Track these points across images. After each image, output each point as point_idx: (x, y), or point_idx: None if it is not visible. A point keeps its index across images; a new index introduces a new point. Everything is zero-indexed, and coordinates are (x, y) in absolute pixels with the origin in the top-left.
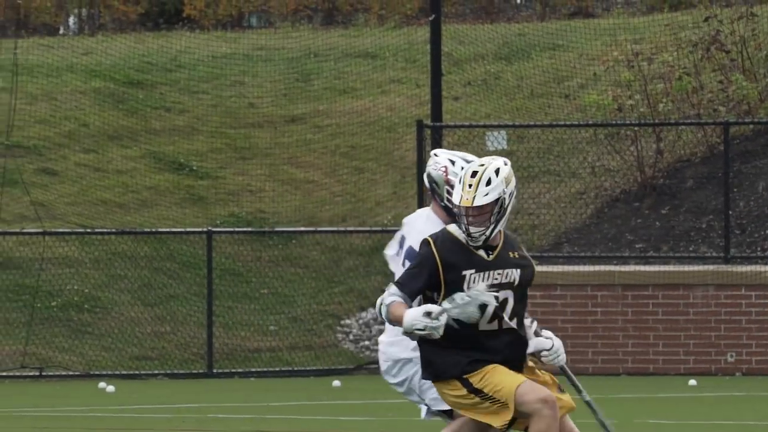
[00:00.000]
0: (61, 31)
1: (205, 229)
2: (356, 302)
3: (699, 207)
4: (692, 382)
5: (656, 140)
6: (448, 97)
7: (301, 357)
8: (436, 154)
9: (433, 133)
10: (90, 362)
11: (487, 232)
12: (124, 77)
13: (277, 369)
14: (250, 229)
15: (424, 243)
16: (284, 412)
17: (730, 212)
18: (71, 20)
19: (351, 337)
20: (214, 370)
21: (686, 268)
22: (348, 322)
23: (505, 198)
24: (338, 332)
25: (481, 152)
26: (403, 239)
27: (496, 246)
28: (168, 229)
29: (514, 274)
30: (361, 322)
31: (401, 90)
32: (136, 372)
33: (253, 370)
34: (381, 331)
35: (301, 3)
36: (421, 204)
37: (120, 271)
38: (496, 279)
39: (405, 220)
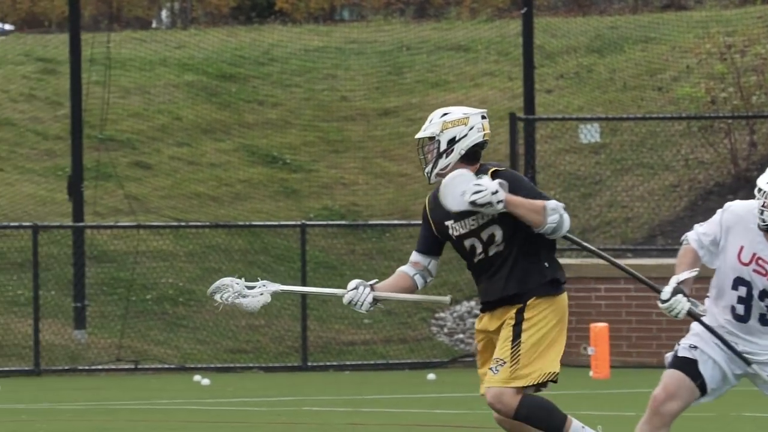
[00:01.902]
0: (153, 25)
1: (298, 222)
2: (450, 295)
3: None
4: None
5: (750, 132)
6: (540, 90)
7: (396, 350)
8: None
9: (526, 125)
10: (185, 355)
11: (427, 169)
12: (217, 71)
13: (372, 362)
14: (343, 222)
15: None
16: (379, 405)
17: None
18: (164, 14)
19: (445, 330)
20: (309, 363)
21: None
22: (442, 315)
23: (440, 140)
24: (432, 325)
25: (574, 145)
26: None
27: None
28: (262, 222)
29: (493, 209)
30: (455, 315)
31: (494, 83)
32: (231, 365)
33: (348, 363)
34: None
35: None
36: None
37: (214, 264)
38: (472, 225)
39: None
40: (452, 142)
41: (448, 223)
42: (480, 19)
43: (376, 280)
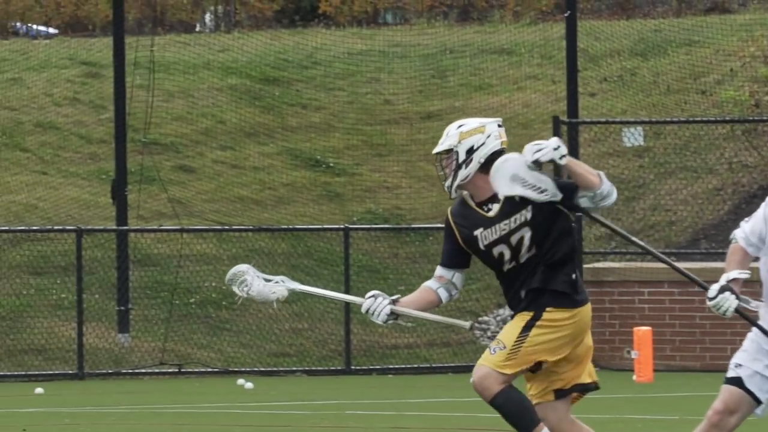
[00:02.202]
0: (197, 28)
1: (342, 226)
2: (493, 299)
3: None
4: None
5: None
6: (584, 93)
7: (439, 353)
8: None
9: (570, 129)
10: (228, 359)
11: (447, 183)
12: (261, 74)
13: (415, 366)
14: (386, 225)
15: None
16: (422, 409)
17: None
18: (207, 17)
19: (489, 333)
20: (352, 367)
21: None
22: (486, 318)
23: (458, 151)
24: (476, 329)
25: (618, 148)
26: None
27: (494, 199)
28: (305, 226)
29: (526, 214)
30: (498, 318)
31: (537, 86)
32: (275, 368)
33: (391, 366)
34: None
35: None
36: None
37: (258, 267)
38: (504, 229)
39: None
40: (470, 151)
41: (477, 232)
42: (523, 23)
43: (399, 295)
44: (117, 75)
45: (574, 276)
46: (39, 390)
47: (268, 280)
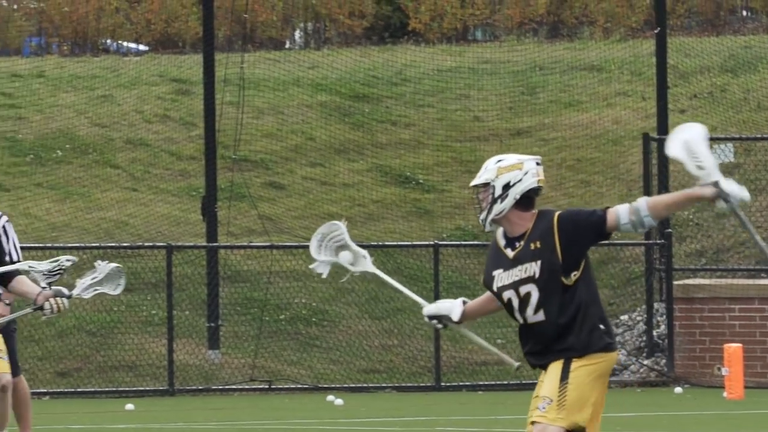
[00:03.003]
0: (287, 45)
1: (431, 243)
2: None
3: None
4: None
5: None
6: (674, 110)
7: (529, 370)
8: None
9: (659, 146)
10: (318, 375)
11: (481, 216)
12: (350, 91)
13: (505, 382)
14: (476, 242)
15: None
16: (513, 426)
17: None
18: (297, 34)
19: None
20: (442, 383)
21: None
22: None
23: (495, 185)
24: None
25: None
26: None
27: (522, 238)
28: (395, 243)
29: (534, 268)
30: None
31: (627, 103)
32: (364, 385)
33: (481, 383)
34: None
35: (527, 16)
36: None
37: (347, 284)
38: (517, 276)
39: None
40: (507, 187)
41: (496, 273)
42: (613, 39)
43: (466, 298)
44: (207, 92)
45: (602, 326)
46: (130, 406)
47: (354, 249)
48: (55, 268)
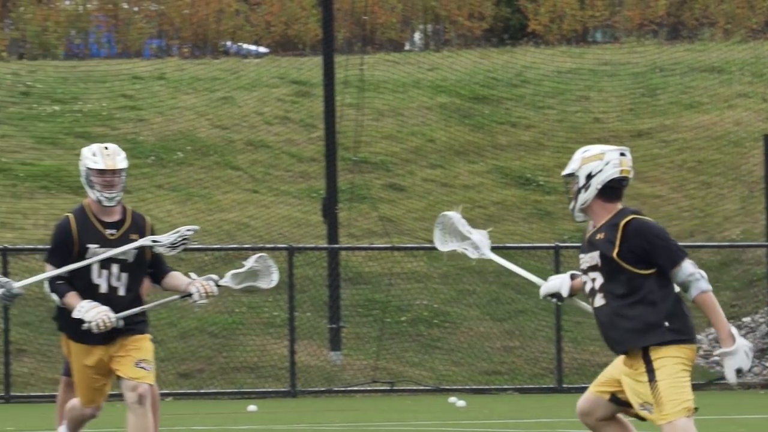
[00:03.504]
0: (406, 47)
1: (552, 245)
2: (704, 317)
3: None
4: None
5: None
6: None
7: None
8: None
9: None
10: (440, 377)
11: (570, 206)
12: (470, 93)
13: None
14: None
15: None
16: (637, 427)
17: None
18: (416, 36)
19: (701, 352)
20: (564, 385)
21: None
22: (698, 337)
23: (579, 176)
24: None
25: None
26: None
27: (598, 227)
28: (515, 244)
29: (597, 257)
30: (710, 337)
31: (748, 104)
32: (486, 386)
33: None
34: None
35: (646, 17)
36: None
37: (468, 286)
38: (587, 262)
39: None
40: (589, 177)
41: (581, 256)
42: (734, 41)
43: (575, 272)
44: (327, 94)
45: (666, 323)
46: (252, 407)
47: (469, 234)
48: (178, 240)
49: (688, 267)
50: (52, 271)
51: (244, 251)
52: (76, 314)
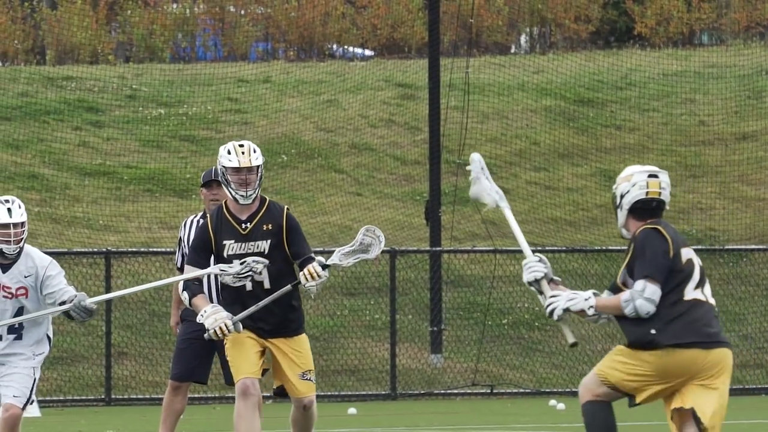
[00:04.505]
0: (512, 50)
1: None
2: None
3: None
4: None
5: None
6: None
7: (752, 375)
8: None
9: None
10: (540, 380)
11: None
12: (575, 95)
13: (730, 387)
14: (700, 246)
15: None
16: (732, 431)
17: None
18: (522, 39)
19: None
20: None
21: None
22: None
23: (615, 195)
24: None
25: None
26: None
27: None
28: (618, 247)
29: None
30: None
31: None
32: None
33: None
34: None
35: (753, 20)
36: None
37: (570, 288)
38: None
39: None
40: (621, 197)
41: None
42: None
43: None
44: (432, 96)
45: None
46: (352, 410)
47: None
48: (244, 270)
49: (639, 284)
50: (184, 275)
51: None
52: (198, 319)
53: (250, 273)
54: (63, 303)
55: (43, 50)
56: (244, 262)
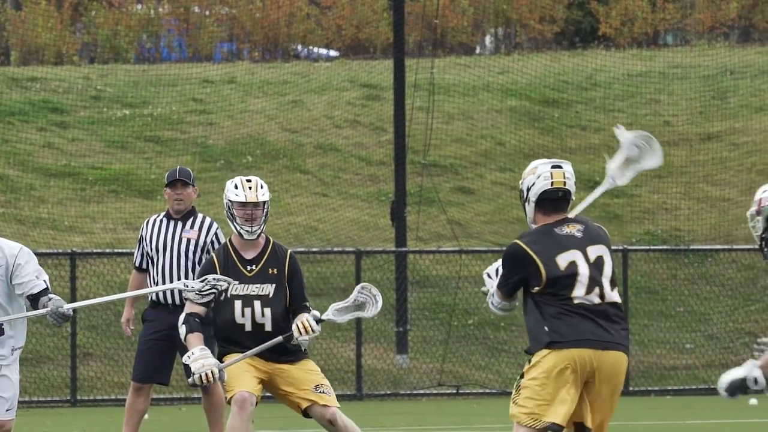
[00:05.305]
0: (477, 51)
1: (620, 247)
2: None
3: None
4: None
5: None
6: None
7: (717, 375)
8: None
9: None
10: (506, 380)
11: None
12: (540, 96)
13: (694, 387)
14: (665, 246)
15: None
16: (701, 431)
17: None
18: (487, 39)
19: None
20: (630, 388)
21: None
22: (765, 339)
23: (522, 189)
24: (755, 350)
25: None
26: None
27: None
28: None
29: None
30: None
31: None
32: None
33: (670, 388)
34: None
35: (718, 20)
36: None
37: None
38: None
39: None
40: (528, 191)
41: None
42: None
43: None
44: (397, 97)
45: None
46: None
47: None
48: (206, 288)
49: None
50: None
51: (312, 255)
52: (184, 359)
53: (213, 291)
54: (33, 297)
55: (8, 51)
56: (205, 279)
